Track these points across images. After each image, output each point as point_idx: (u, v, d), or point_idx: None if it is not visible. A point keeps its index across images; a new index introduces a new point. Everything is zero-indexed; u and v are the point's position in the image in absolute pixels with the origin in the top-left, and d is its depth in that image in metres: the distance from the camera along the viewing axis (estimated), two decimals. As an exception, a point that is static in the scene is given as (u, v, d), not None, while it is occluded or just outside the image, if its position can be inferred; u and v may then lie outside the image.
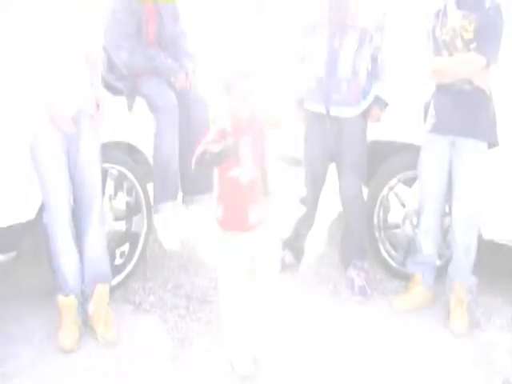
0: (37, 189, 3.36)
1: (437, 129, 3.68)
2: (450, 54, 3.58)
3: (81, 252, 3.47)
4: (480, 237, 3.76)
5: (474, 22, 3.49)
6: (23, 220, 3.43)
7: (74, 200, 3.43)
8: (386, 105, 3.92)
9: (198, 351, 3.38)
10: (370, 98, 3.89)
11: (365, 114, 3.92)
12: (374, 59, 3.86)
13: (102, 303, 3.47)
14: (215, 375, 3.20)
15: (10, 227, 3.38)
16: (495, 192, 3.71)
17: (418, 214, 3.91)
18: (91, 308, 3.46)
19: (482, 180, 3.62)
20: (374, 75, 3.89)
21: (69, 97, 3.32)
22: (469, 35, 3.51)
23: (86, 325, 3.49)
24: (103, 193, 3.64)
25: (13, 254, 3.56)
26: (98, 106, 3.43)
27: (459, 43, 3.54)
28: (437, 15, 3.65)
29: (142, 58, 3.96)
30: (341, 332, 3.62)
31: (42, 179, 3.33)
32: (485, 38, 3.49)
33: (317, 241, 4.72)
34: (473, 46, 3.49)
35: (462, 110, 3.59)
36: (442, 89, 3.67)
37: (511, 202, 3.73)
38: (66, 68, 3.32)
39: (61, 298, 3.40)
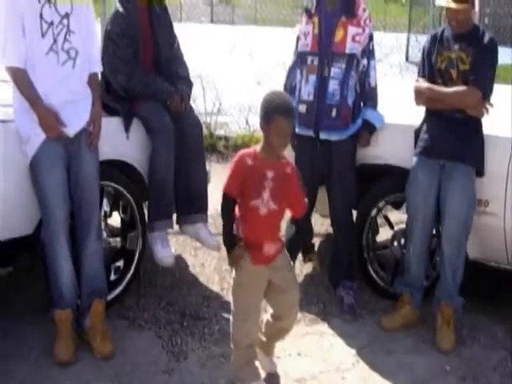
0: (36, 204, 3.43)
1: (428, 152, 3.80)
2: (444, 83, 3.73)
3: (78, 267, 3.54)
4: (466, 258, 3.87)
5: (472, 55, 3.65)
6: (21, 235, 3.50)
7: (73, 216, 3.51)
8: (375, 129, 4.06)
9: (193, 365, 3.45)
10: (358, 122, 4.04)
11: (354, 138, 4.06)
12: (362, 84, 4.02)
13: (99, 318, 3.53)
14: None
15: (8, 242, 3.45)
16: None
17: (406, 235, 4.02)
18: (88, 322, 3.52)
19: (471, 206, 3.74)
20: (362, 99, 4.05)
21: (73, 116, 3.44)
22: (465, 67, 3.67)
23: (82, 340, 3.54)
24: (99, 210, 3.72)
25: (10, 268, 3.63)
26: (94, 125, 3.53)
27: (454, 73, 3.69)
28: (433, 40, 3.81)
29: (139, 82, 4.06)
30: (331, 349, 3.71)
31: (41, 195, 3.41)
32: (482, 73, 3.66)
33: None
34: (470, 78, 3.63)
35: (453, 136, 3.73)
36: (434, 114, 3.82)
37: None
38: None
39: (57, 311, 3.45)
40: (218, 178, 3.82)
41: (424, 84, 3.80)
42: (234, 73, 10.64)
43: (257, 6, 23.86)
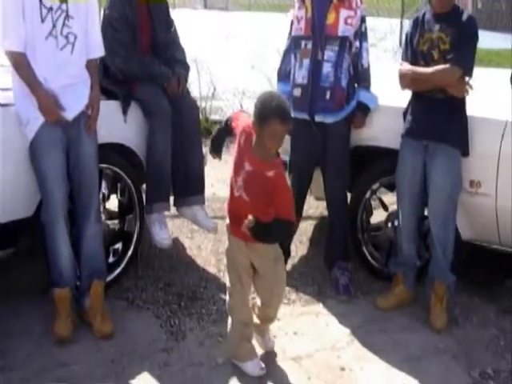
0: (36, 187, 3.48)
1: (412, 134, 3.87)
2: (427, 64, 3.78)
3: (78, 249, 3.61)
4: (458, 238, 3.95)
5: (451, 34, 3.70)
6: (22, 217, 3.56)
7: (72, 198, 3.57)
8: (369, 110, 4.12)
9: (191, 344, 3.52)
10: (353, 104, 4.10)
11: (348, 120, 4.12)
12: (355, 65, 4.08)
13: (98, 298, 3.60)
14: (209, 367, 3.34)
15: (9, 224, 3.51)
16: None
17: (397, 216, 4.09)
18: (87, 303, 3.59)
19: (455, 184, 3.81)
20: (355, 81, 4.11)
21: (72, 100, 3.48)
22: (445, 47, 3.72)
23: (82, 320, 3.61)
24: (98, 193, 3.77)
25: (11, 250, 3.68)
26: (92, 109, 3.57)
27: (436, 54, 3.75)
28: (415, 24, 3.88)
29: (137, 64, 4.10)
30: (326, 329, 3.78)
31: (40, 178, 3.46)
32: (461, 51, 3.70)
33: (301, 243, 4.88)
34: (449, 57, 3.68)
35: (435, 117, 3.79)
36: (417, 96, 3.88)
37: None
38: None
39: (56, 290, 3.52)
40: (213, 162, 3.87)
41: (406, 67, 3.86)
42: (229, 58, 10.68)
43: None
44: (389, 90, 4.16)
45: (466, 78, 3.73)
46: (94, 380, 3.19)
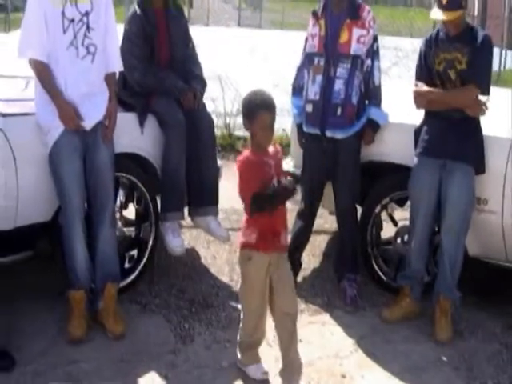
0: (54, 192, 3.65)
1: (429, 152, 3.95)
2: (443, 84, 3.88)
3: (93, 252, 3.76)
4: (465, 254, 4.01)
5: (467, 54, 3.79)
6: (41, 221, 3.74)
7: (89, 203, 3.73)
8: (379, 126, 4.23)
9: (199, 348, 3.65)
10: (363, 120, 4.21)
11: (359, 136, 4.23)
12: (367, 83, 4.19)
13: (112, 300, 3.75)
14: (214, 369, 3.46)
15: (28, 227, 3.69)
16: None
17: (409, 231, 4.17)
18: (101, 304, 3.74)
19: (470, 201, 3.89)
20: (366, 98, 4.23)
21: (90, 110, 3.65)
22: (462, 67, 3.81)
23: (95, 321, 3.75)
24: (115, 200, 3.94)
25: (29, 253, 3.85)
26: (109, 120, 3.74)
27: (452, 74, 3.84)
28: (428, 43, 3.98)
29: (154, 78, 4.26)
30: (331, 337, 3.88)
31: (59, 183, 3.63)
32: (479, 72, 3.80)
33: (314, 256, 4.98)
34: (467, 77, 3.78)
35: (452, 136, 3.87)
36: (433, 115, 3.97)
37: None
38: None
39: (72, 292, 3.68)
40: (231, 176, 3.98)
41: (424, 88, 3.94)
42: (253, 75, 10.85)
43: (284, 10, 24.13)
44: (401, 107, 4.27)
45: (484, 98, 3.83)
46: (103, 377, 3.33)
